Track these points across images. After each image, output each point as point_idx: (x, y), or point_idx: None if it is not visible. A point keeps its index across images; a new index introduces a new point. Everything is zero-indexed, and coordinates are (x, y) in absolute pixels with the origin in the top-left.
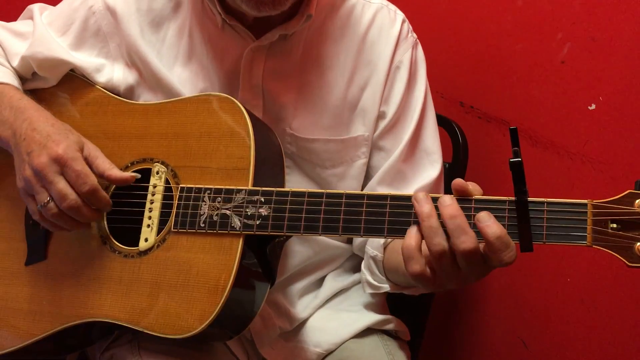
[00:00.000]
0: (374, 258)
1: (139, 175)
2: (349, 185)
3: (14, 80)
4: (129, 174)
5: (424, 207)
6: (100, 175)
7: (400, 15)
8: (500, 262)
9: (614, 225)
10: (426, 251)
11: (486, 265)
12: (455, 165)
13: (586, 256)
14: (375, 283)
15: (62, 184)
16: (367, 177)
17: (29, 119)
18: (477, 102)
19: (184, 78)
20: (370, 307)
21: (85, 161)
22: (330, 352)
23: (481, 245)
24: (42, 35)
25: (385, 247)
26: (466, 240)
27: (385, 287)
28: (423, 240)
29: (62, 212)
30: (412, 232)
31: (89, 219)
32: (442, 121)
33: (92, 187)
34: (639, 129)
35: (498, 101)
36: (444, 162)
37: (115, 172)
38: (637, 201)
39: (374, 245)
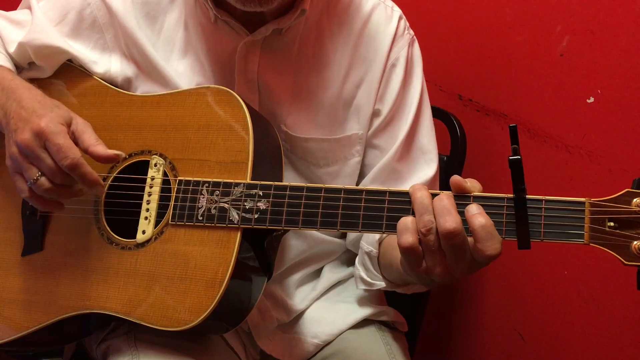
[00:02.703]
0: (368, 254)
1: (123, 154)
2: (343, 183)
3: (7, 63)
4: (113, 151)
5: (421, 190)
6: (84, 151)
7: (397, 11)
8: (484, 253)
9: (611, 224)
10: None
11: (473, 260)
12: (454, 158)
13: (583, 250)
14: (369, 279)
15: (50, 159)
16: (362, 176)
17: (19, 98)
18: (475, 95)
19: (181, 71)
20: (368, 298)
21: (72, 135)
22: (327, 343)
23: (471, 240)
24: (40, 23)
25: (380, 242)
26: (449, 220)
27: (380, 284)
28: None
29: (54, 186)
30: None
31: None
32: (440, 114)
33: (74, 161)
34: (638, 122)
35: (497, 94)
36: (443, 155)
37: (99, 148)
38: (634, 200)
39: (368, 241)
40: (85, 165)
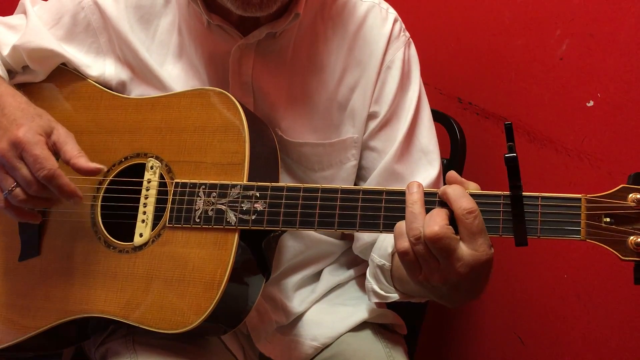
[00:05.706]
0: (381, 267)
1: (105, 168)
2: None
3: None
4: (94, 165)
5: (413, 194)
6: (66, 162)
7: (392, 14)
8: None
9: (608, 220)
10: None
11: (469, 254)
12: (453, 161)
13: (583, 252)
14: (382, 292)
15: (25, 170)
16: (360, 178)
17: (2, 105)
18: (475, 98)
19: (175, 75)
20: (367, 301)
21: (53, 146)
22: (326, 346)
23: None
24: (34, 26)
25: (393, 255)
26: (430, 225)
27: (394, 296)
28: None
29: (30, 197)
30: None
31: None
32: (440, 117)
33: (50, 172)
34: (637, 125)
35: (496, 97)
36: (442, 158)
37: (81, 160)
38: (630, 195)
39: (380, 254)
40: (62, 177)
